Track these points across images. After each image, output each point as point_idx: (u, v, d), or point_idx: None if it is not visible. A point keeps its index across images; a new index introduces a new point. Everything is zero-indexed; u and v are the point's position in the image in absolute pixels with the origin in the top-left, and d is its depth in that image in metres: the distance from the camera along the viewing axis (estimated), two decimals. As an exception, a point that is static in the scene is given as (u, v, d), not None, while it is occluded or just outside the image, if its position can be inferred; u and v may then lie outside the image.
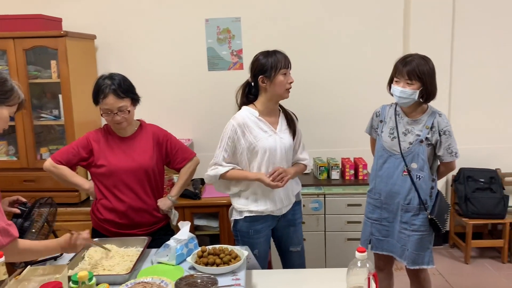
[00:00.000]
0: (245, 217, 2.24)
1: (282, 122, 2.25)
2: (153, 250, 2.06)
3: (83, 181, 2.24)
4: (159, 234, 2.24)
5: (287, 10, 3.55)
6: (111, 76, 2.11)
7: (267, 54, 2.17)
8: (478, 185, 3.60)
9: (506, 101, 3.67)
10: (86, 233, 1.78)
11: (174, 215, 2.34)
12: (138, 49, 3.62)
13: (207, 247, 1.97)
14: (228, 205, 3.17)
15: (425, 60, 2.27)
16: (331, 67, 3.63)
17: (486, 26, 3.57)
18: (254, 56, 2.22)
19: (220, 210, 3.23)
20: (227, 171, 2.20)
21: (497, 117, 3.70)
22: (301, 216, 2.40)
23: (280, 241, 2.37)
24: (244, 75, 3.45)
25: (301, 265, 2.37)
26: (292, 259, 2.35)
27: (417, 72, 2.22)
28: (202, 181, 3.48)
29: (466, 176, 3.64)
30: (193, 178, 2.49)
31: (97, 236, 2.17)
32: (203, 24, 3.56)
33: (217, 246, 1.99)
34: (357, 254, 1.57)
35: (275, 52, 2.17)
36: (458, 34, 3.57)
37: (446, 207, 2.41)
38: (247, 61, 3.49)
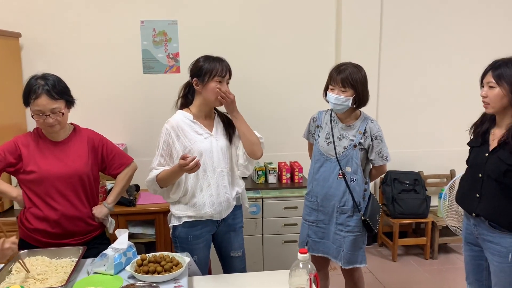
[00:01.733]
0: (184, 222, 2.20)
1: (217, 125, 2.25)
2: (89, 260, 1.96)
3: (10, 189, 2.09)
4: (95, 243, 2.14)
5: (224, 15, 3.57)
6: (44, 76, 1.99)
7: (207, 58, 2.16)
8: (403, 187, 3.85)
9: (427, 108, 3.96)
10: (14, 238, 1.67)
11: (111, 223, 2.25)
12: (68, 49, 3.45)
13: (147, 255, 1.92)
14: (165, 211, 3.15)
15: (358, 68, 2.39)
16: (267, 72, 3.70)
17: (409, 39, 3.83)
18: (197, 58, 2.21)
19: (157, 217, 3.16)
20: (160, 173, 2.14)
21: (419, 123, 3.98)
22: (242, 220, 2.38)
23: (221, 246, 2.35)
24: (181, 78, 3.41)
25: (243, 269, 2.37)
26: (233, 264, 2.35)
27: (350, 80, 2.33)
28: (137, 188, 3.38)
29: (393, 179, 3.88)
30: (128, 184, 2.41)
31: (26, 247, 2.00)
32: (138, 26, 3.47)
33: (157, 253, 1.94)
34: (299, 255, 1.61)
35: (216, 59, 2.16)
36: (385, 46, 3.79)
37: (377, 208, 2.54)
38: (184, 64, 3.49)
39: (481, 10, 3.87)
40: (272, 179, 3.45)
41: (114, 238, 2.00)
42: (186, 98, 2.25)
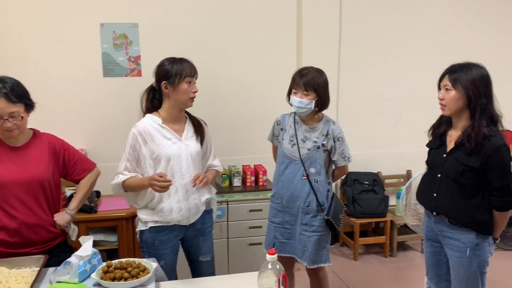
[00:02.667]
0: (150, 227, 2.17)
1: (188, 129, 2.23)
2: (51, 269, 1.90)
3: None
4: (57, 251, 2.07)
5: (186, 18, 3.56)
6: (2, 79, 1.91)
7: (173, 60, 2.15)
8: (363, 187, 3.96)
9: (384, 111, 4.11)
10: None
11: (73, 230, 2.18)
12: (26, 52, 3.32)
13: (113, 261, 1.88)
14: (127, 217, 3.10)
15: (319, 72, 2.46)
16: (229, 76, 3.71)
17: (368, 44, 3.96)
18: (160, 61, 2.19)
19: (119, 223, 3.10)
20: (127, 179, 2.12)
21: (377, 125, 4.12)
22: (211, 225, 2.38)
23: (190, 251, 2.33)
24: (143, 82, 3.37)
25: (211, 274, 2.36)
26: (202, 269, 2.33)
27: (313, 83, 2.39)
28: (98, 194, 3.30)
29: (353, 179, 3.98)
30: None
31: (-19, 258, 1.93)
32: (97, 28, 3.39)
33: (123, 260, 1.91)
34: (268, 256, 1.63)
35: (181, 60, 2.16)
36: (344, 51, 3.90)
37: (340, 208, 2.62)
38: (146, 67, 3.45)
39: (437, 16, 4.05)
40: (237, 182, 3.46)
41: (76, 246, 1.95)
42: (152, 103, 2.22)
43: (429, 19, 4.03)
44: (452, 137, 2.13)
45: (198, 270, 2.34)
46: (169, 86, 2.12)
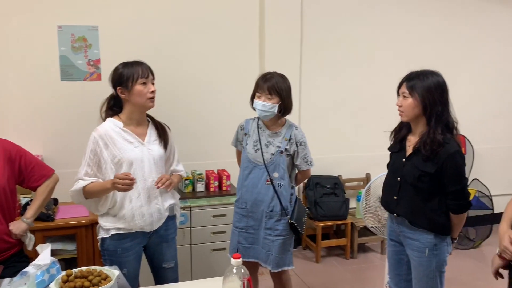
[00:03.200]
0: (112, 235, 2.13)
1: (151, 133, 2.21)
2: (6, 280, 1.82)
3: None
4: (12, 261, 1.99)
5: (148, 21, 3.51)
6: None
7: (125, 65, 2.13)
8: (324, 191, 4.03)
9: (345, 116, 4.20)
10: None
11: (30, 239, 2.10)
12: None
13: (73, 270, 1.82)
14: (86, 225, 3.01)
15: (283, 78, 2.50)
16: (192, 80, 3.69)
17: (329, 50, 4.04)
18: (114, 67, 2.17)
19: (78, 231, 3.01)
20: (88, 185, 2.06)
21: (337, 130, 4.21)
22: (175, 231, 2.35)
23: (153, 258, 2.30)
24: (102, 86, 3.30)
25: (175, 280, 2.33)
26: (165, 276, 2.30)
27: (277, 88, 2.43)
28: (55, 201, 3.18)
29: (315, 183, 4.05)
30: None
31: None
32: (55, 31, 3.29)
33: (84, 268, 1.85)
34: (233, 260, 1.63)
35: (133, 63, 2.13)
36: (306, 57, 3.97)
37: (303, 211, 2.66)
38: (106, 71, 3.35)
39: (398, 23, 4.19)
40: (200, 187, 3.44)
41: (33, 256, 1.88)
42: (112, 110, 2.19)
43: (389, 27, 4.17)
44: (411, 142, 2.20)
45: (161, 277, 2.31)
46: (124, 90, 2.10)
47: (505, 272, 1.87)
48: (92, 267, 1.86)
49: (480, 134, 4.55)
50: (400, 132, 2.28)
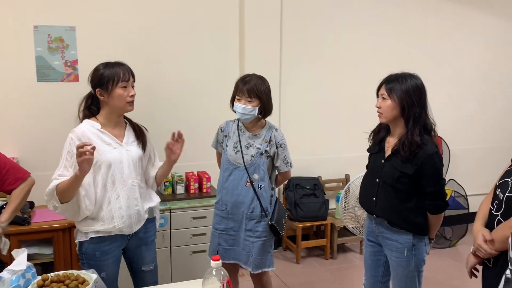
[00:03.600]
0: (91, 238, 2.10)
1: (129, 134, 2.19)
2: (-20, 286, 1.77)
3: None
4: (-14, 266, 1.94)
5: (126, 21, 3.47)
6: None
7: (106, 66, 2.09)
8: (304, 192, 4.06)
9: (324, 117, 4.24)
10: None
11: (5, 243, 2.06)
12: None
13: (49, 274, 1.79)
14: (63, 228, 2.97)
15: (262, 80, 2.51)
16: (171, 81, 3.67)
17: (308, 52, 4.08)
18: (94, 67, 2.13)
19: (54, 234, 2.96)
20: (60, 183, 1.97)
21: (317, 131, 4.24)
22: (155, 233, 2.33)
23: (132, 260, 2.27)
24: (80, 87, 3.27)
25: (154, 284, 2.31)
26: (144, 279, 2.28)
27: (256, 90, 2.44)
28: (31, 205, 3.12)
29: (295, 184, 4.07)
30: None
31: None
32: (31, 31, 3.23)
33: (60, 272, 1.82)
34: (212, 262, 1.63)
35: (114, 64, 2.10)
36: (285, 58, 3.99)
37: (283, 212, 2.67)
38: (84, 72, 3.33)
39: (376, 26, 4.25)
40: (180, 189, 3.41)
41: (8, 261, 1.84)
42: (90, 110, 2.15)
43: (368, 29, 4.23)
44: (390, 144, 2.23)
45: (140, 280, 2.28)
46: (103, 93, 2.07)
47: (479, 269, 1.91)
48: (69, 271, 1.83)
49: (456, 135, 4.65)
50: (379, 134, 2.30)
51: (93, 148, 1.83)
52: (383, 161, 2.23)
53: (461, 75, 4.65)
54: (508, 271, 1.32)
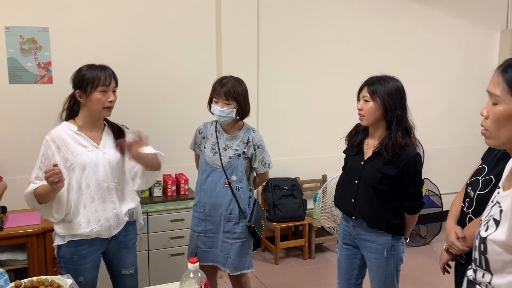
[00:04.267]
0: (68, 242, 2.07)
1: (106, 137, 2.17)
2: (-50, 294, 1.73)
3: None
4: (-44, 274, 1.88)
5: (102, 22, 3.42)
6: None
7: (89, 67, 2.08)
8: (283, 192, 4.08)
9: (301, 119, 4.28)
10: None
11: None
12: None
13: (22, 281, 1.76)
14: (38, 233, 2.91)
15: (239, 82, 2.52)
16: (148, 83, 3.64)
17: (285, 55, 4.11)
18: (78, 68, 2.12)
19: (28, 240, 2.89)
20: (38, 187, 2.01)
21: (295, 132, 4.28)
22: (135, 236, 2.32)
23: (111, 264, 2.25)
24: (54, 89, 3.22)
25: (134, 287, 2.30)
26: (124, 283, 2.25)
27: (233, 93, 2.44)
28: (3, 210, 3.05)
29: (273, 185, 4.09)
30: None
31: None
32: (2, 32, 3.15)
33: (34, 278, 1.79)
34: (190, 265, 1.63)
35: (97, 68, 2.09)
36: (263, 61, 4.00)
37: (262, 213, 2.68)
38: (58, 74, 3.28)
39: (352, 29, 4.31)
40: (157, 192, 3.39)
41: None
42: (72, 110, 2.13)
43: (344, 32, 4.29)
44: (369, 146, 2.24)
45: (120, 284, 2.26)
46: (82, 95, 2.05)
47: (452, 265, 1.96)
48: (44, 277, 1.80)
49: (430, 135, 4.75)
50: (357, 136, 2.31)
51: (55, 165, 1.88)
52: (362, 162, 2.23)
53: (434, 77, 4.77)
54: (471, 271, 1.34)
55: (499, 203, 1.26)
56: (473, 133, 5.00)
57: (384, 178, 2.14)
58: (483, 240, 1.25)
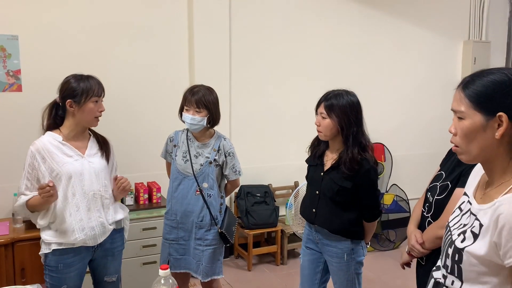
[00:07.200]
0: (54, 250, 2.10)
1: (92, 146, 2.21)
2: None
3: None
4: None
5: (73, 31, 3.41)
6: None
7: (79, 78, 2.13)
8: (255, 199, 4.13)
9: (273, 126, 4.34)
10: None
11: None
12: None
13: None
14: (6, 244, 2.87)
15: (210, 90, 2.57)
16: (120, 92, 3.62)
17: (256, 64, 4.17)
18: (65, 78, 2.15)
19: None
20: (30, 199, 2.07)
21: (266, 140, 4.34)
22: (122, 243, 2.35)
23: (96, 270, 2.28)
24: (23, 97, 3.19)
25: None
26: None
27: (204, 101, 2.49)
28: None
29: (246, 192, 4.14)
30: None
31: None
32: (-31, 39, 3.12)
33: (5, 288, 1.79)
34: (160, 271, 1.65)
35: (88, 78, 2.14)
36: (235, 70, 4.06)
37: (233, 220, 2.72)
38: (27, 82, 3.25)
39: (321, 39, 4.41)
40: (129, 201, 3.38)
41: None
42: (55, 120, 2.16)
43: (313, 42, 4.38)
44: (329, 158, 2.32)
45: None
46: (74, 104, 2.09)
47: (413, 266, 2.07)
48: (14, 287, 1.80)
49: (397, 142, 4.90)
50: (319, 147, 2.37)
51: (51, 183, 1.96)
52: (322, 173, 2.30)
53: (401, 85, 4.92)
54: (439, 274, 1.37)
55: (474, 215, 1.24)
56: (438, 139, 5.19)
57: (341, 190, 2.21)
58: (459, 251, 1.24)
